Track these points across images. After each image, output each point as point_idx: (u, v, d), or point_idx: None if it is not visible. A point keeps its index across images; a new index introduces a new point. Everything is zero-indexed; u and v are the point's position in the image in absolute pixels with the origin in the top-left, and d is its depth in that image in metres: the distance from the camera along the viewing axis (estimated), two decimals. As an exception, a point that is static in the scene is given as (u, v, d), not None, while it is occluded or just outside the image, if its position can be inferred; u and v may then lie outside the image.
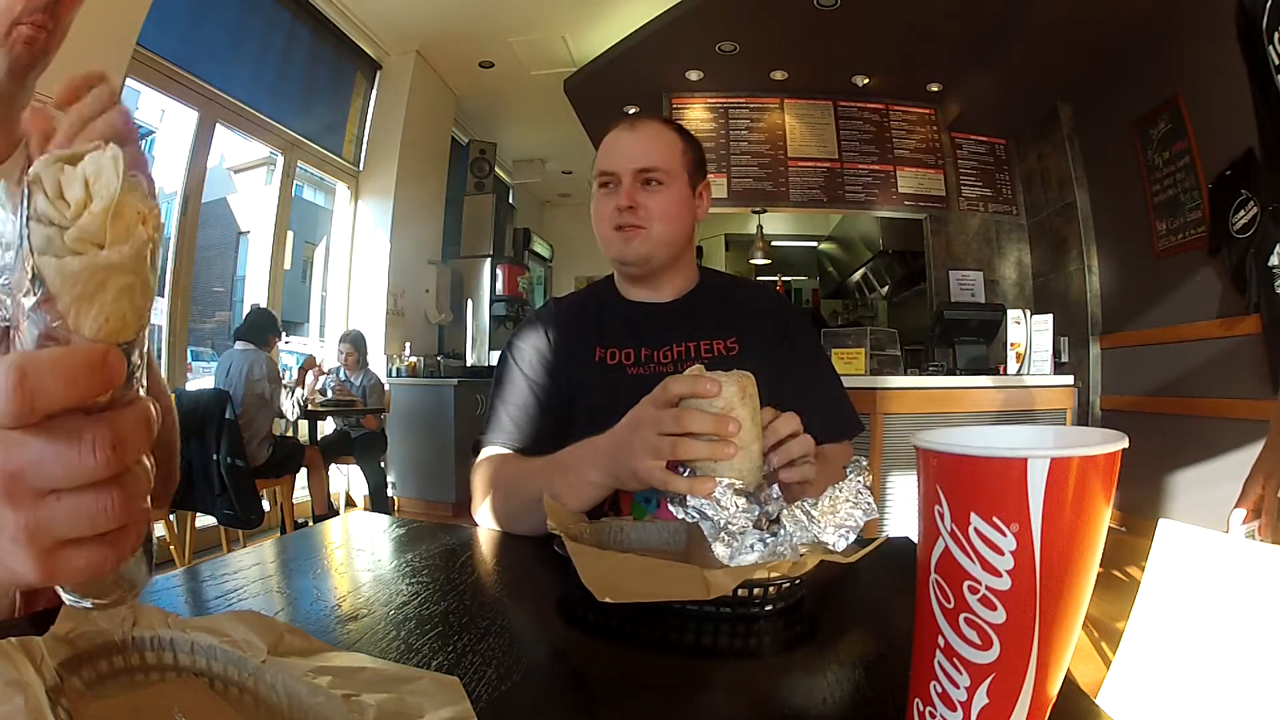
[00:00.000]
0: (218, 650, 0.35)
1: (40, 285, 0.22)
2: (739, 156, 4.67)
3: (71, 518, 0.24)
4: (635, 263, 1.01)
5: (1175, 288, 3.40)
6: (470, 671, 0.44)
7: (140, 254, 0.23)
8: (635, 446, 0.66)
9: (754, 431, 0.63)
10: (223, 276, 5.30)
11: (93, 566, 0.26)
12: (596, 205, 1.03)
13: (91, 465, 0.24)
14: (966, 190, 4.69)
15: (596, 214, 1.03)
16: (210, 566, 0.67)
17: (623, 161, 1.00)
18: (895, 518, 2.70)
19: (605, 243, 1.02)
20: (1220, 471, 3.03)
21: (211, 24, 3.66)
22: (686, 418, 0.62)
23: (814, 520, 0.58)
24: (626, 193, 0.98)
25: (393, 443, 4.34)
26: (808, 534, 0.57)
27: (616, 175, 1.00)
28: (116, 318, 0.24)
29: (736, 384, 0.62)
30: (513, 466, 0.91)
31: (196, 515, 2.96)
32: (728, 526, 0.58)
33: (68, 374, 0.23)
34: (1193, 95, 3.20)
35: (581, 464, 0.77)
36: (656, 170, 0.99)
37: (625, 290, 1.08)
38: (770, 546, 0.56)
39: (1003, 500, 0.28)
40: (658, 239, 0.99)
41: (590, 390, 0.99)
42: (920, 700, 0.32)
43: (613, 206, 0.99)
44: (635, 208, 0.98)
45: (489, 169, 5.84)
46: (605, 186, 1.01)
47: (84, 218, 0.22)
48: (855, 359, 2.96)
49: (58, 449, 0.23)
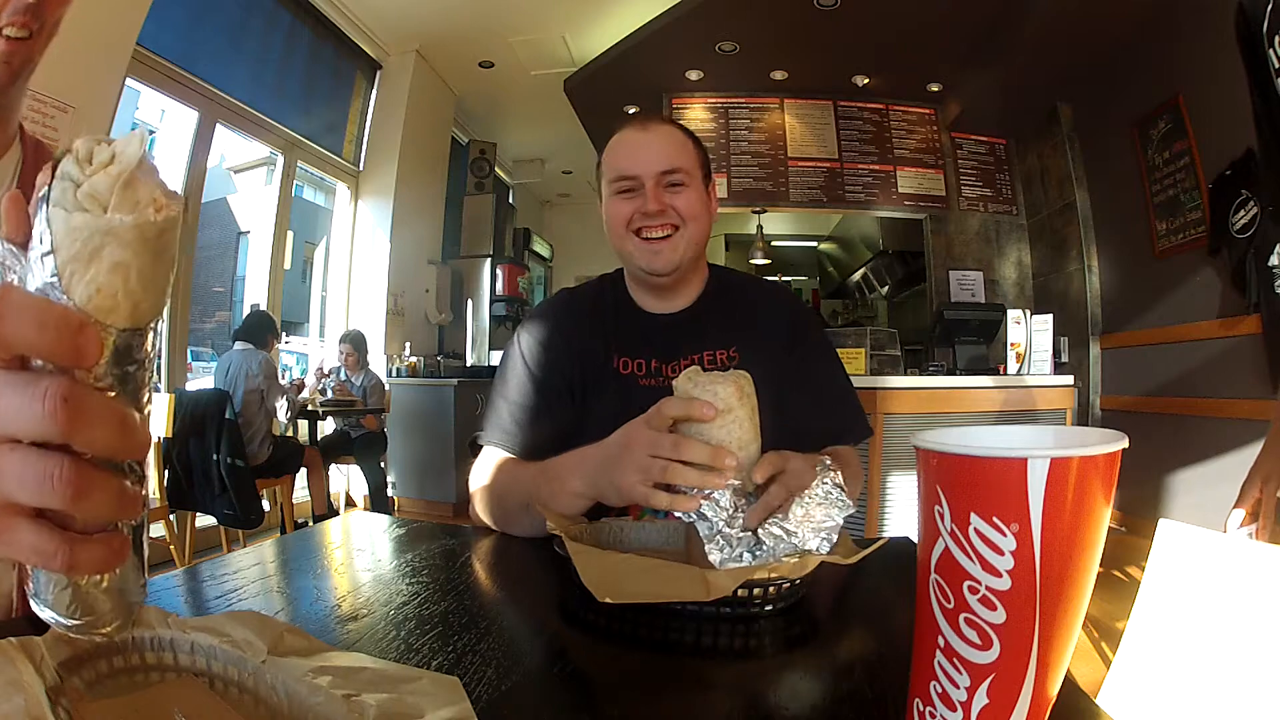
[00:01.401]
0: (218, 650, 0.35)
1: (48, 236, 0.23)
2: (739, 156, 4.67)
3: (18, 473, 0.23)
4: (666, 273, 0.95)
5: (1175, 288, 3.40)
6: (470, 671, 0.44)
7: (143, 235, 0.23)
8: (625, 463, 0.66)
9: (752, 431, 0.63)
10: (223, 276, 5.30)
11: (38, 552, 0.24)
12: (615, 209, 0.96)
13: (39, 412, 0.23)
14: (966, 190, 4.69)
15: (616, 219, 0.96)
16: (210, 566, 0.67)
17: (645, 164, 0.94)
18: (895, 518, 2.69)
19: (629, 254, 0.96)
20: (1220, 471, 3.03)
21: (211, 24, 3.66)
22: (685, 447, 0.61)
23: (791, 534, 0.58)
24: (654, 196, 0.93)
25: (393, 443, 4.34)
26: (789, 545, 0.58)
27: (639, 179, 0.94)
28: (108, 293, 0.23)
29: (734, 384, 0.62)
30: (508, 471, 0.91)
31: (196, 515, 2.96)
32: (724, 530, 0.58)
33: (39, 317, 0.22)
34: (1193, 95, 3.20)
35: (567, 473, 0.77)
36: (679, 170, 0.95)
37: (639, 298, 1.03)
38: (760, 560, 0.56)
39: (1003, 500, 0.28)
40: (690, 240, 0.95)
41: (601, 395, 0.96)
42: (920, 700, 0.32)
43: (634, 211, 0.94)
44: (664, 210, 0.93)
45: (489, 169, 5.84)
46: (625, 192, 0.96)
47: (97, 176, 0.23)
48: (855, 359, 2.96)
49: (11, 385, 0.23)
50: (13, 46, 0.59)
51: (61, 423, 0.23)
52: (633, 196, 0.95)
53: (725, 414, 0.61)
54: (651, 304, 1.02)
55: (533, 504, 0.80)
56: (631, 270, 1.01)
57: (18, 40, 0.59)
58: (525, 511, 0.82)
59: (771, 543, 0.58)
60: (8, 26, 0.58)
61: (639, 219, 0.94)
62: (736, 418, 0.61)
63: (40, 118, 2.32)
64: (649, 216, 0.94)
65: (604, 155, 1.00)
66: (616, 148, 0.98)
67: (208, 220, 4.00)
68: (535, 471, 0.83)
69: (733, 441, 0.61)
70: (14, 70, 0.60)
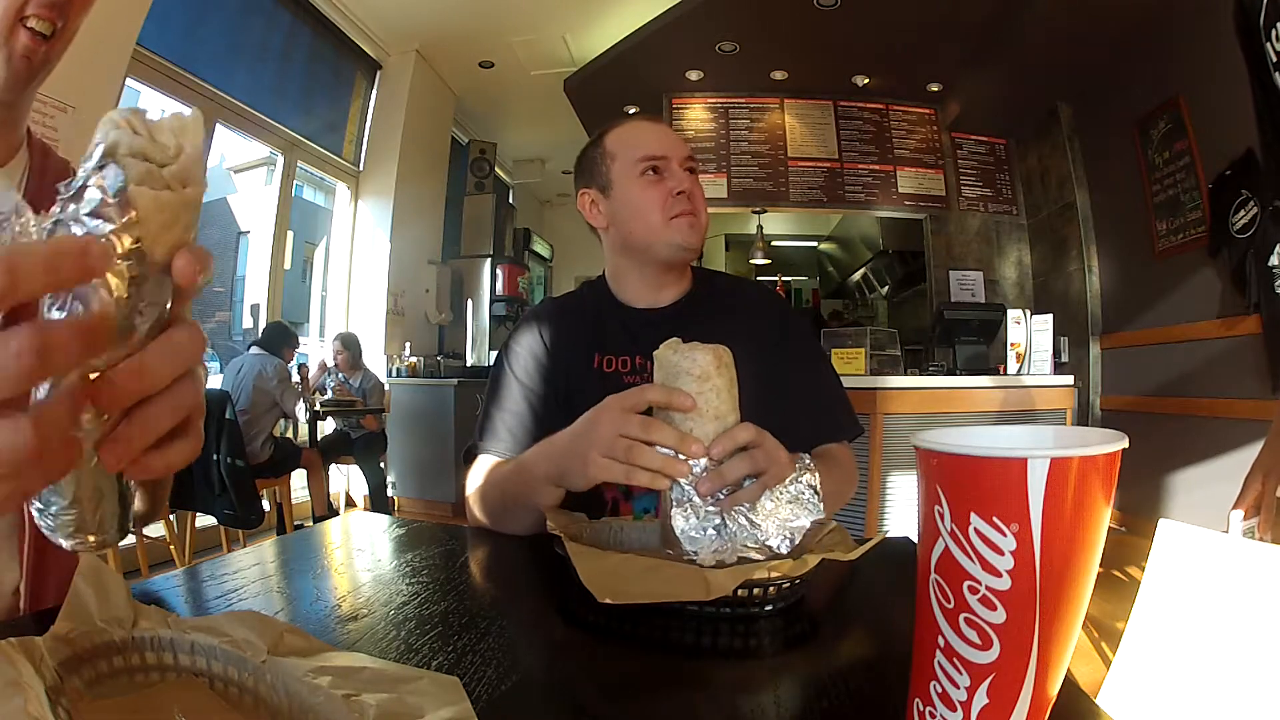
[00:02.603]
0: (218, 650, 0.35)
1: (124, 211, 0.26)
2: (739, 156, 4.67)
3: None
4: (697, 248, 0.98)
5: (1175, 288, 3.40)
6: (470, 671, 0.44)
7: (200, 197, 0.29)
8: (591, 440, 0.65)
9: (730, 403, 0.62)
10: (223, 276, 5.29)
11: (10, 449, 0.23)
12: (644, 191, 0.97)
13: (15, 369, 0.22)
14: (966, 190, 4.69)
15: (645, 201, 0.96)
16: (210, 566, 0.67)
17: (672, 145, 0.97)
18: (895, 518, 2.70)
19: (661, 230, 0.96)
20: (1220, 471, 3.03)
21: (211, 24, 3.66)
22: (653, 429, 0.61)
23: (755, 525, 0.58)
24: (683, 177, 0.96)
25: (393, 443, 4.34)
26: (752, 536, 0.58)
27: (668, 159, 0.97)
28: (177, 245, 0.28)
29: (713, 352, 0.62)
30: (495, 472, 0.91)
31: (196, 515, 2.96)
32: (694, 500, 0.59)
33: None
34: (1193, 95, 3.20)
35: (536, 460, 0.77)
36: (695, 159, 0.99)
37: (622, 294, 1.04)
38: (724, 538, 0.57)
39: (1003, 500, 0.28)
40: (704, 226, 0.99)
41: (587, 396, 0.96)
42: (920, 700, 0.32)
43: (667, 191, 0.95)
44: (691, 192, 0.96)
45: (489, 169, 5.84)
46: (652, 172, 0.97)
47: (180, 160, 0.27)
48: (855, 359, 2.96)
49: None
50: (35, 42, 0.59)
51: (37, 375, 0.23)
52: (661, 179, 0.97)
53: (702, 380, 0.61)
54: (644, 297, 1.02)
55: (507, 499, 0.82)
56: (658, 251, 0.98)
57: (40, 37, 0.59)
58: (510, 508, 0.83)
59: (734, 527, 0.58)
60: (32, 18, 0.58)
61: (670, 199, 0.95)
62: (714, 386, 0.61)
63: (40, 118, 2.32)
64: (678, 197, 0.95)
65: (615, 143, 1.00)
66: (641, 132, 0.99)
67: (208, 220, 4.01)
68: (513, 466, 0.84)
69: (709, 410, 0.61)
70: (34, 67, 0.61)
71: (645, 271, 1.01)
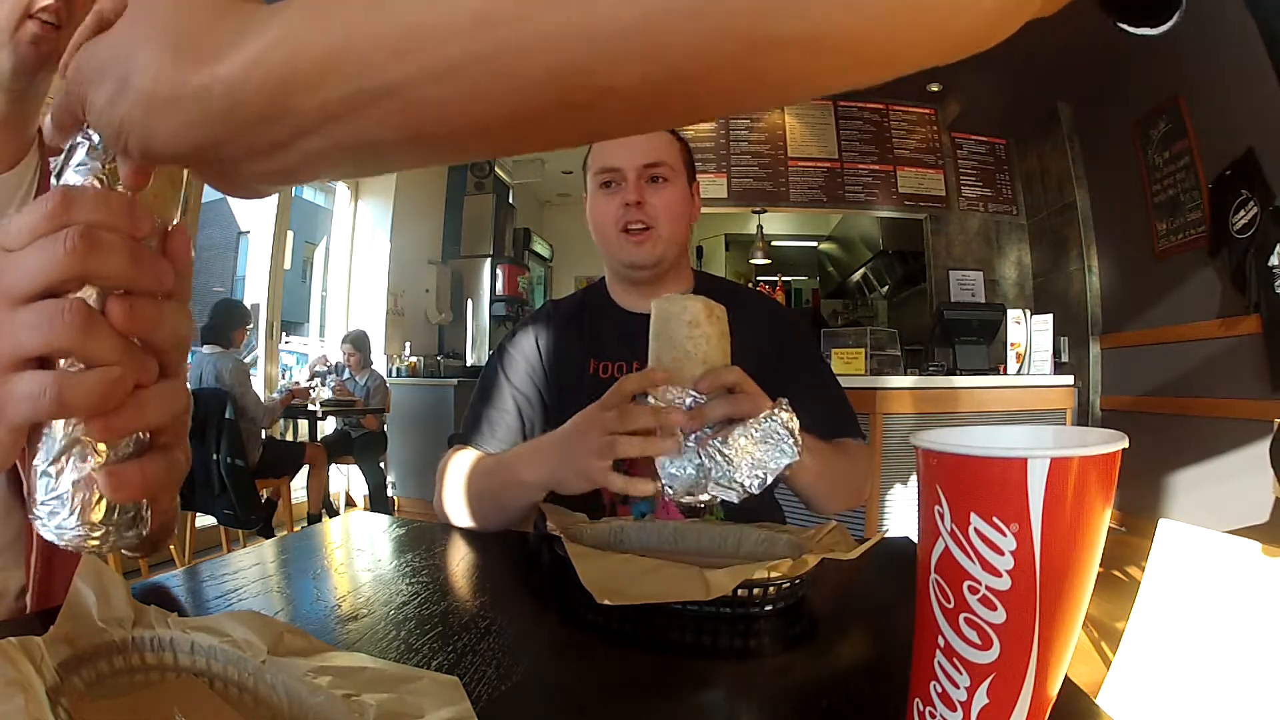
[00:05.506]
0: (218, 650, 0.35)
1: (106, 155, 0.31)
2: (739, 156, 4.67)
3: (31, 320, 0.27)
4: (648, 265, 0.96)
5: (1175, 288, 3.40)
6: (470, 671, 0.44)
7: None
8: (580, 448, 0.67)
9: (720, 353, 0.65)
10: (223, 276, 5.30)
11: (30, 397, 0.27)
12: (598, 205, 0.97)
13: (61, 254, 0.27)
14: (966, 190, 4.69)
15: (599, 214, 0.97)
16: (210, 566, 0.67)
17: (627, 156, 0.94)
18: (895, 518, 2.70)
19: (610, 246, 0.96)
20: (1220, 471, 3.03)
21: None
22: (630, 416, 0.63)
23: (727, 458, 0.60)
24: (635, 189, 0.93)
25: (393, 443, 4.34)
26: (725, 473, 0.60)
27: (621, 171, 0.94)
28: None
29: (703, 301, 0.64)
30: (469, 465, 0.90)
31: (197, 515, 2.96)
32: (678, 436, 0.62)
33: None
34: (1193, 95, 3.20)
35: (518, 465, 0.77)
36: (662, 165, 0.95)
37: (620, 298, 1.03)
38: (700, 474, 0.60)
39: (1003, 500, 0.28)
40: (668, 239, 0.95)
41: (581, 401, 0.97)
42: (920, 700, 0.32)
43: (619, 205, 0.94)
44: (643, 204, 0.93)
45: (489, 169, 5.83)
46: (607, 186, 0.96)
47: None
48: (855, 359, 2.96)
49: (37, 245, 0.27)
50: (44, 30, 0.59)
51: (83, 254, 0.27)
52: (615, 191, 0.96)
53: (693, 326, 0.63)
54: (635, 302, 1.02)
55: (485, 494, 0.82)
56: (614, 266, 1.01)
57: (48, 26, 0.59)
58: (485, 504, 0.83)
59: (709, 463, 0.60)
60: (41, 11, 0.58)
61: (620, 213, 0.94)
62: (704, 333, 0.63)
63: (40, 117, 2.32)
64: (627, 210, 0.94)
65: (591, 152, 1.00)
66: (602, 143, 0.98)
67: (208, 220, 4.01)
68: (493, 463, 0.84)
69: (699, 354, 0.63)
70: (42, 55, 0.61)
71: (619, 277, 1.03)
